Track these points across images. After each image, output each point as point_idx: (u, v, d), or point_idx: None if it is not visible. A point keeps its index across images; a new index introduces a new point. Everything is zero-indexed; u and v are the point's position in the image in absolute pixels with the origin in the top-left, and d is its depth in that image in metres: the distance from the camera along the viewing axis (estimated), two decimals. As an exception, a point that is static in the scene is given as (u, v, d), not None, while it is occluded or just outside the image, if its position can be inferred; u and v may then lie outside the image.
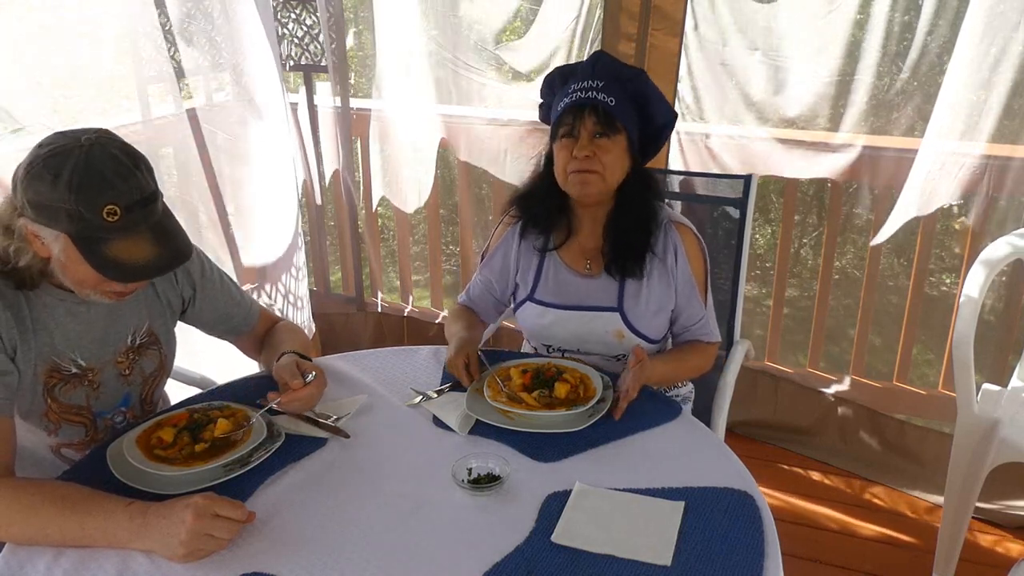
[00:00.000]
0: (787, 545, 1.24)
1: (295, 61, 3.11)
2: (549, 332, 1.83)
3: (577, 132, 1.67)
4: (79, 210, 1.25)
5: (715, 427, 1.86)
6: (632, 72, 1.71)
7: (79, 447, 1.51)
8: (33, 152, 1.28)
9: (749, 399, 2.85)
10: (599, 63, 1.71)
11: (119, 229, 1.28)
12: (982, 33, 2.19)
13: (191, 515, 1.17)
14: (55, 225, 1.28)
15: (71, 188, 1.24)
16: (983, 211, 2.40)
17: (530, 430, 1.48)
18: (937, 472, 2.45)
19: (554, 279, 1.81)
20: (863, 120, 2.48)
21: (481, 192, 3.37)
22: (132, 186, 1.29)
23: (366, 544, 1.23)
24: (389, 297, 3.56)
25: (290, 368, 1.53)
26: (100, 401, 1.51)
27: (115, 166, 1.28)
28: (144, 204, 1.30)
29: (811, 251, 3.52)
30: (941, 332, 2.71)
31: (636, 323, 1.76)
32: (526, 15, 2.85)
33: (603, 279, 1.77)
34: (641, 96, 1.70)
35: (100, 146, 1.28)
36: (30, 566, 1.19)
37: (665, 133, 1.76)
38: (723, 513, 1.28)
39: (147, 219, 1.31)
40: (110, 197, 1.26)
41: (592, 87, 1.66)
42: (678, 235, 1.76)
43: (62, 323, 1.43)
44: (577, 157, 1.66)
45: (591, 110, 1.65)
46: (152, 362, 1.59)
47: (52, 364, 1.43)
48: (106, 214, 1.26)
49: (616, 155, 1.68)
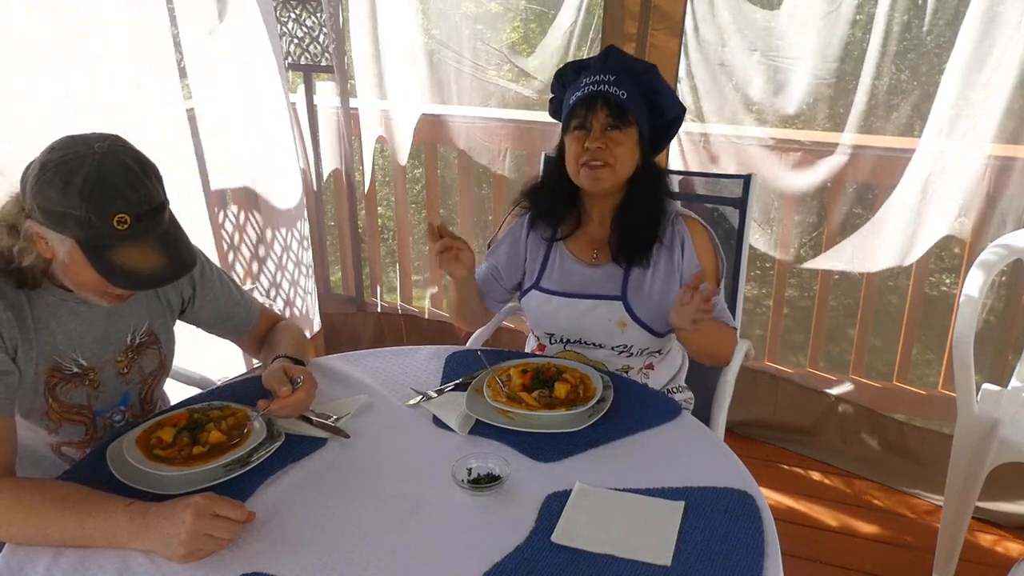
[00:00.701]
0: (787, 545, 1.24)
1: (295, 61, 3.11)
2: (553, 320, 1.84)
3: (589, 124, 1.69)
4: (89, 218, 1.25)
5: (715, 427, 1.85)
6: (643, 66, 1.73)
7: (79, 446, 1.52)
8: (44, 156, 1.28)
9: (749, 399, 2.85)
10: (611, 57, 1.74)
11: (128, 237, 1.29)
12: (982, 33, 2.19)
13: (191, 515, 1.17)
14: (64, 231, 1.28)
15: (83, 196, 1.24)
16: (983, 211, 2.40)
17: (530, 430, 1.48)
18: (937, 472, 2.45)
19: (560, 268, 1.83)
20: (863, 120, 2.48)
21: (481, 192, 3.37)
22: (142, 195, 1.29)
23: (366, 544, 1.23)
24: (389, 297, 3.56)
25: (278, 375, 1.53)
26: (100, 400, 1.51)
27: (126, 175, 1.28)
28: (153, 214, 1.31)
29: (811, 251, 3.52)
30: (941, 332, 2.71)
31: (639, 312, 1.77)
32: (527, 15, 2.85)
33: (608, 268, 1.79)
34: (651, 90, 1.72)
35: (112, 154, 1.28)
36: (30, 567, 1.19)
37: (675, 127, 1.79)
38: (723, 513, 1.28)
39: (155, 228, 1.32)
40: (120, 206, 1.26)
41: (604, 80, 1.68)
42: (686, 228, 1.78)
43: (64, 323, 1.43)
44: (589, 148, 1.68)
45: (603, 103, 1.67)
46: (152, 361, 1.59)
47: (53, 363, 1.43)
48: (116, 223, 1.27)
49: (628, 148, 1.70)
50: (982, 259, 2.05)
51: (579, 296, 1.80)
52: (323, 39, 3.03)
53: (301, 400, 1.51)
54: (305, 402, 1.53)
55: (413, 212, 3.37)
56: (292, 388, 1.50)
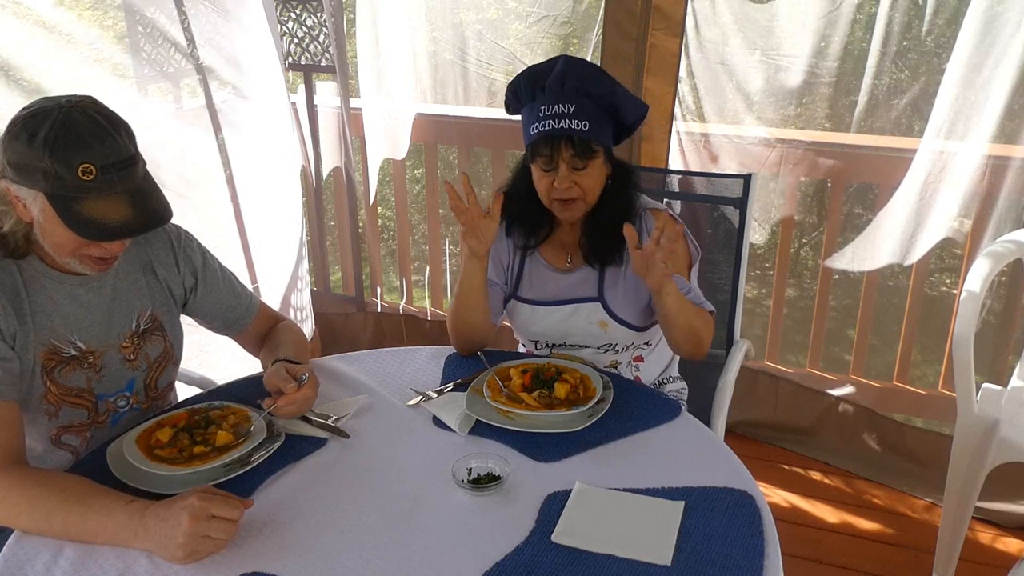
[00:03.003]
0: (787, 545, 1.24)
1: (295, 60, 3.11)
2: (534, 328, 1.84)
3: (555, 164, 1.66)
4: (54, 168, 1.27)
5: (715, 427, 1.85)
6: (602, 88, 1.66)
7: (79, 430, 1.52)
8: (16, 114, 1.31)
9: (749, 399, 2.85)
10: (568, 81, 1.65)
11: (94, 189, 1.29)
12: (982, 33, 2.19)
13: (187, 518, 1.17)
14: (32, 184, 1.29)
15: (47, 146, 1.26)
16: (983, 211, 2.40)
17: (530, 430, 1.48)
18: (937, 472, 2.45)
19: (536, 277, 1.83)
20: (863, 120, 2.48)
21: (481, 192, 3.37)
22: (109, 147, 1.30)
23: (366, 544, 1.23)
24: (389, 297, 3.56)
25: (280, 374, 1.52)
26: (102, 384, 1.52)
27: (92, 127, 1.29)
28: (121, 167, 1.31)
29: (811, 251, 3.52)
30: (941, 332, 2.71)
31: (618, 311, 1.77)
32: (527, 15, 2.85)
33: (583, 272, 1.79)
34: (612, 107, 1.68)
35: (80, 109, 1.30)
36: (29, 566, 1.19)
37: (637, 125, 1.76)
38: (723, 513, 1.28)
39: (124, 181, 1.32)
40: (86, 157, 1.27)
41: (564, 113, 1.62)
42: (653, 220, 1.76)
43: (60, 306, 1.44)
44: (559, 188, 1.67)
45: (567, 141, 1.63)
46: (157, 348, 1.60)
47: (51, 347, 1.44)
48: (81, 173, 1.27)
49: (595, 176, 1.69)
50: (982, 259, 2.04)
51: (558, 303, 1.79)
52: (323, 39, 3.02)
53: (307, 397, 1.51)
54: (311, 399, 1.52)
55: (413, 212, 3.37)
56: (298, 385, 1.49)
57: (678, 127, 2.68)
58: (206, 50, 2.68)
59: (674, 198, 2.26)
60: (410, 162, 3.70)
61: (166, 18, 2.51)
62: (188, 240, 1.64)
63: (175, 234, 1.62)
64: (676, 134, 2.68)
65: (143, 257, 1.57)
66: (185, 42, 2.61)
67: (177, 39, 2.58)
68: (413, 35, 2.97)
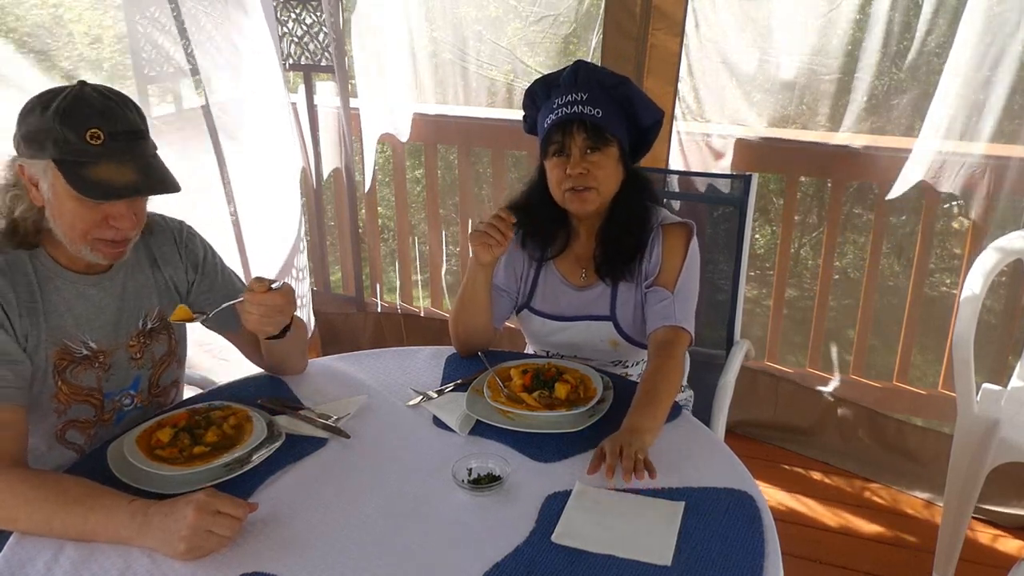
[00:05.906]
0: (787, 545, 1.24)
1: (295, 60, 3.11)
2: (547, 340, 1.85)
3: (568, 150, 1.65)
4: (64, 134, 1.29)
5: (715, 427, 1.85)
6: (615, 79, 1.67)
7: (84, 427, 1.52)
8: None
9: (749, 399, 2.85)
10: (580, 73, 1.67)
11: (103, 155, 1.31)
12: (981, 33, 2.19)
13: (193, 511, 1.17)
14: (42, 153, 1.31)
15: (58, 114, 1.30)
16: (983, 211, 2.40)
17: (530, 430, 1.48)
18: (937, 472, 2.45)
19: (550, 290, 1.81)
20: (863, 119, 2.48)
21: (481, 192, 3.37)
22: (119, 117, 1.33)
23: (366, 544, 1.23)
24: (389, 297, 3.56)
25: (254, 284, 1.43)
26: (110, 383, 1.53)
27: (103, 100, 1.33)
28: (130, 137, 1.34)
29: (811, 251, 3.52)
30: (941, 332, 2.71)
31: (629, 330, 1.76)
32: (527, 15, 2.85)
33: (597, 288, 1.77)
34: (627, 101, 1.67)
35: (92, 87, 1.35)
36: (30, 566, 1.19)
37: (653, 133, 1.74)
38: (723, 513, 1.28)
39: (132, 151, 1.34)
40: (95, 123, 1.30)
41: (577, 100, 1.63)
42: (662, 233, 1.72)
43: (73, 306, 1.45)
44: (571, 175, 1.65)
45: (579, 125, 1.63)
46: (162, 346, 1.60)
47: (63, 347, 1.44)
48: (89, 137, 1.30)
49: (610, 168, 1.67)
50: (982, 259, 2.05)
51: (570, 319, 1.79)
52: (323, 39, 3.02)
53: (275, 302, 1.40)
54: (280, 307, 1.41)
55: (413, 212, 3.37)
56: (267, 286, 1.41)
57: (678, 127, 2.68)
58: (206, 50, 2.68)
59: (674, 198, 2.26)
60: (410, 162, 3.69)
61: (166, 18, 2.50)
62: (191, 235, 1.65)
63: (178, 228, 1.63)
64: (676, 134, 2.68)
65: (149, 253, 1.58)
66: (184, 42, 2.61)
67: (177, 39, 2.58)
68: (412, 35, 2.97)
